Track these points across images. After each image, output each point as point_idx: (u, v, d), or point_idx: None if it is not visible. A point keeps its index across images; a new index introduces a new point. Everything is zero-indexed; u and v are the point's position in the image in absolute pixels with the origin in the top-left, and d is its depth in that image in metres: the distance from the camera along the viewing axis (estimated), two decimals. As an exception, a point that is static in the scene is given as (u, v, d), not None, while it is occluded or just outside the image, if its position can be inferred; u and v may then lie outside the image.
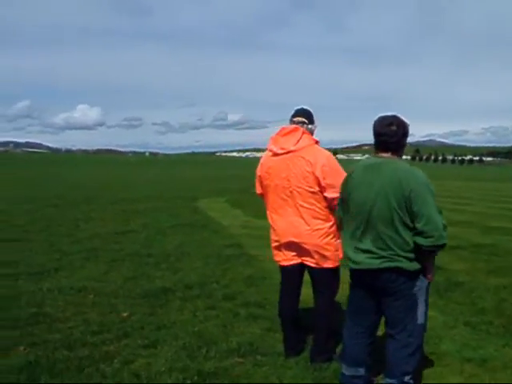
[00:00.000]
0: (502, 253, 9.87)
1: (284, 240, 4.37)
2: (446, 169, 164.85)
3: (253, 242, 10.73)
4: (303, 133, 4.35)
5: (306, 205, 4.21)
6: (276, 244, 4.49)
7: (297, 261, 4.39)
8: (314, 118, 4.60)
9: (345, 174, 3.91)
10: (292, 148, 4.25)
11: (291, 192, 4.24)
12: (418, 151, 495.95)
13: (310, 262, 4.32)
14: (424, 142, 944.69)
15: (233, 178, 45.22)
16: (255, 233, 12.07)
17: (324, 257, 4.26)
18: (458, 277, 7.74)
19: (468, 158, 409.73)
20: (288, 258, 4.43)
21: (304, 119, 4.49)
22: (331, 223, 4.24)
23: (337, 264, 4.35)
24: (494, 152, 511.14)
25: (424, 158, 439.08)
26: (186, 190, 29.25)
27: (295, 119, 4.50)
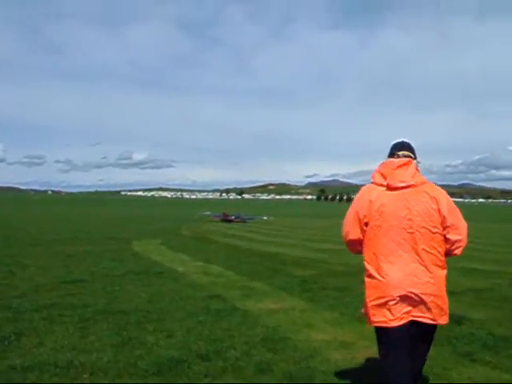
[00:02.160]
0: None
1: (398, 293, 3.57)
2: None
3: (231, 293, 9.71)
4: (416, 167, 3.83)
5: (427, 248, 3.60)
6: (380, 301, 3.60)
7: (407, 319, 3.60)
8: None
9: (461, 215, 3.68)
10: (412, 182, 3.69)
11: (412, 234, 3.59)
12: (322, 191, 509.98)
13: (425, 317, 3.61)
14: (329, 181, 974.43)
15: (153, 218, 44.37)
16: (222, 281, 11.27)
17: (442, 310, 3.64)
18: (491, 328, 6.94)
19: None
20: (398, 317, 3.59)
21: (410, 153, 3.97)
22: (446, 271, 3.70)
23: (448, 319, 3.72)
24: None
25: (329, 197, 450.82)
26: (111, 230, 27.94)
27: (400, 153, 3.94)
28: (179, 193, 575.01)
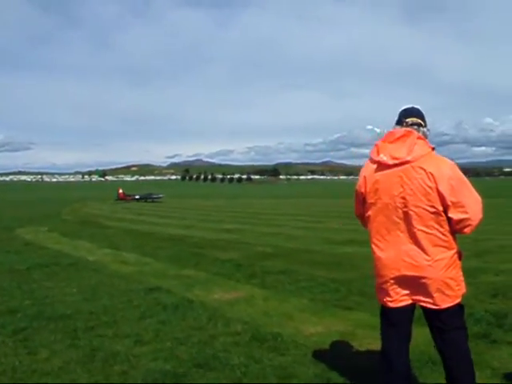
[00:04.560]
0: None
1: (393, 274, 3.41)
2: (230, 187, 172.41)
3: (170, 283, 8.71)
4: (418, 138, 3.48)
5: (425, 229, 3.34)
6: (381, 280, 3.50)
7: (407, 301, 3.46)
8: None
9: (473, 189, 3.39)
10: (408, 158, 3.37)
11: (406, 213, 3.36)
12: (187, 171, 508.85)
13: (426, 302, 3.42)
14: (192, 161, 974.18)
15: (23, 203, 41.42)
16: (148, 269, 10.30)
17: (444, 294, 3.38)
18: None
19: (237, 176, 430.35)
20: (397, 299, 3.46)
21: (419, 120, 3.66)
22: (454, 251, 3.41)
23: (458, 301, 3.46)
24: (260, 170, 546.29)
25: (194, 177, 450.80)
26: None
27: (408, 120, 3.64)
28: (39, 176, 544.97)
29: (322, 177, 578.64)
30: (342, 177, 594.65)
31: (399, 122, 3.66)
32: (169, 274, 9.65)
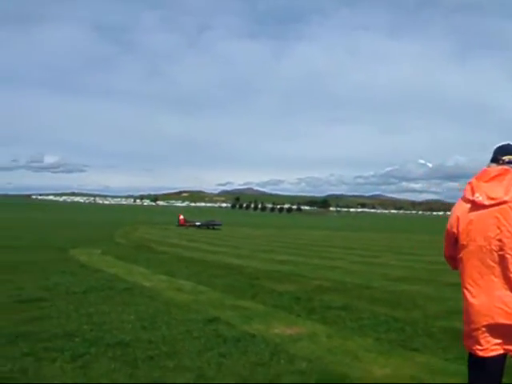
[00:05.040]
0: None
1: (486, 322, 3.20)
2: (279, 217, 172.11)
3: (228, 315, 8.46)
4: None
5: None
6: (472, 327, 3.29)
7: (499, 351, 3.22)
8: None
9: None
10: (505, 198, 3.20)
11: (502, 256, 3.17)
12: (237, 199, 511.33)
13: None
14: (243, 189, 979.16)
15: (77, 224, 42.17)
16: (204, 299, 10.01)
17: None
18: None
19: (287, 206, 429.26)
20: (488, 348, 3.22)
21: None
22: None
23: None
24: (310, 201, 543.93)
25: (244, 205, 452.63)
26: (40, 237, 25.88)
27: (505, 158, 3.46)
28: (92, 198, 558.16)
29: (372, 210, 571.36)
30: (392, 211, 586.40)
31: (495, 160, 3.49)
32: (225, 304, 9.41)
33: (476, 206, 3.30)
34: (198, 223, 52.45)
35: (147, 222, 69.06)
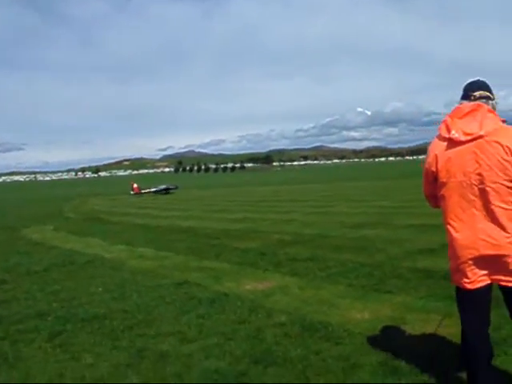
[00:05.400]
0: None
1: (471, 255, 3.26)
2: (224, 177, 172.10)
3: (196, 276, 8.50)
4: (488, 111, 3.33)
5: (503, 205, 3.21)
6: (458, 262, 3.35)
7: (486, 282, 3.32)
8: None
9: None
10: (481, 132, 3.21)
11: (482, 190, 3.23)
12: (180, 163, 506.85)
13: (506, 281, 3.27)
14: (184, 153, 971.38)
15: (22, 203, 40.94)
16: (169, 263, 10.05)
17: None
18: None
19: (230, 165, 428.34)
20: (475, 280, 3.32)
21: (487, 93, 3.49)
22: None
23: None
24: (253, 158, 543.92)
25: (187, 168, 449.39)
26: None
27: (476, 93, 3.47)
28: (33, 175, 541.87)
29: (315, 162, 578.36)
30: (335, 160, 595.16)
31: (466, 97, 3.49)
32: (191, 266, 9.44)
33: (453, 143, 3.32)
34: (153, 189, 52.31)
35: (93, 194, 67.75)
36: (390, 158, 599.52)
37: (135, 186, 53.70)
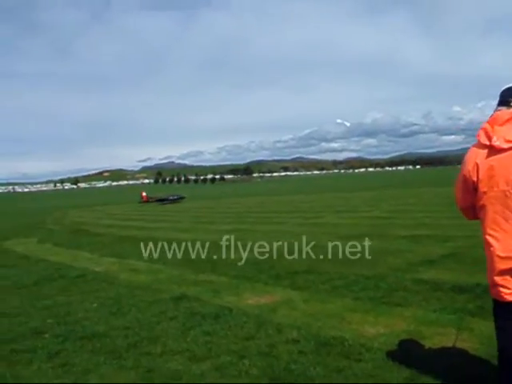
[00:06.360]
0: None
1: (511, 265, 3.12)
2: (205, 188, 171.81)
3: (195, 291, 8.19)
4: None
5: None
6: (498, 272, 3.20)
7: None
8: None
9: None
10: None
11: None
12: (159, 174, 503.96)
13: None
14: (164, 164, 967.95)
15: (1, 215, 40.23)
16: (164, 277, 9.72)
17: None
18: None
19: (210, 176, 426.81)
20: None
21: None
22: None
23: None
24: (232, 170, 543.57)
25: (167, 179, 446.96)
26: None
27: None
28: (11, 187, 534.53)
29: (295, 173, 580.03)
30: (315, 171, 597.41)
31: (504, 103, 3.34)
32: (188, 279, 9.18)
33: (494, 150, 3.18)
34: (162, 198, 52.01)
35: (74, 205, 66.89)
36: (370, 169, 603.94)
37: (144, 194, 53.36)
